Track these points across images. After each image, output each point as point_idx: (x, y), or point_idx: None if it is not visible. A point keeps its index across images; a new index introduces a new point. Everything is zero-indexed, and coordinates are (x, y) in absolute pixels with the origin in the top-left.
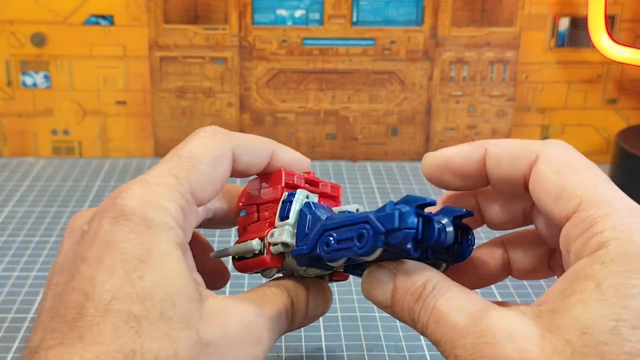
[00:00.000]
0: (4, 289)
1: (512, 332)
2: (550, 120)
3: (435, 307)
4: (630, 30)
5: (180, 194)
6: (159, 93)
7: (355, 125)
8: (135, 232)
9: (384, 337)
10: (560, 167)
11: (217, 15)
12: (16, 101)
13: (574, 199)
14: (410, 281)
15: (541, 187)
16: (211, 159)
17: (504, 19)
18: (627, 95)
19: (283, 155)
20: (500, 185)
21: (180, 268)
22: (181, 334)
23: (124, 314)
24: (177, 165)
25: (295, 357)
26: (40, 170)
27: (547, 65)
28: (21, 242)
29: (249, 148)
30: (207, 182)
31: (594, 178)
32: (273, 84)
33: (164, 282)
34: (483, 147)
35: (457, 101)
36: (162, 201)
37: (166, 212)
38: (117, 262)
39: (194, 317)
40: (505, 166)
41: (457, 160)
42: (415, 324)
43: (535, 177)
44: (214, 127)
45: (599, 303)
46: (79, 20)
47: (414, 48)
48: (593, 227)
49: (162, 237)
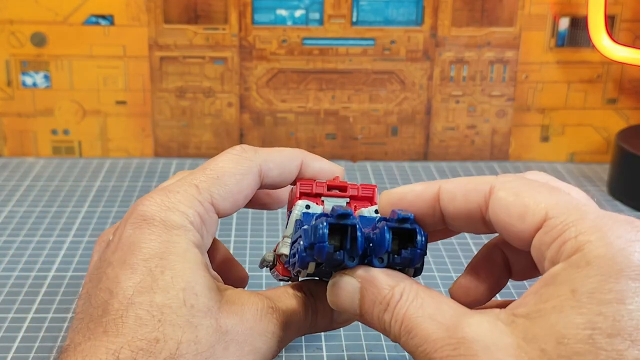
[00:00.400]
0: (4, 289)
1: (488, 343)
2: (550, 120)
3: (406, 317)
4: (630, 30)
5: (199, 202)
6: (159, 93)
7: (355, 125)
8: (155, 234)
9: (384, 337)
10: (517, 190)
11: (217, 15)
12: (16, 101)
13: (539, 212)
14: (377, 289)
15: (503, 211)
16: (235, 173)
17: (504, 19)
18: (627, 95)
19: (313, 165)
20: (457, 221)
21: (198, 262)
22: (203, 321)
23: (146, 304)
24: (200, 177)
25: (295, 357)
26: (40, 170)
27: (547, 65)
28: (21, 242)
29: (277, 163)
30: (229, 194)
31: (554, 192)
32: (273, 84)
33: (184, 274)
34: (437, 185)
35: (457, 101)
36: (180, 207)
37: (184, 216)
38: (139, 261)
39: (215, 305)
40: (459, 201)
41: (409, 197)
42: (387, 333)
43: (495, 204)
44: (243, 145)
45: (574, 310)
46: (79, 20)
47: (414, 48)
48: (566, 233)
49: (181, 237)
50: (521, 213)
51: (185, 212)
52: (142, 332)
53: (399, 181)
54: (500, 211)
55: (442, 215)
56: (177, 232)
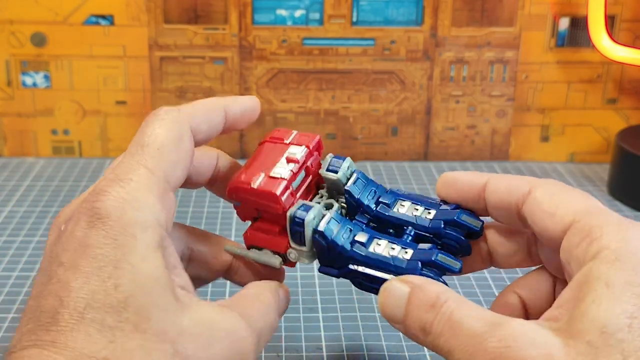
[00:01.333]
0: (4, 289)
1: (534, 337)
2: (550, 120)
3: (451, 316)
4: (630, 30)
5: (155, 185)
6: (159, 93)
7: (355, 125)
8: (110, 237)
9: (384, 337)
10: (552, 191)
11: (217, 15)
12: (16, 101)
13: (568, 214)
14: (424, 293)
15: (536, 208)
16: (174, 139)
17: (504, 19)
18: (627, 95)
19: (234, 109)
20: (496, 211)
21: (157, 275)
22: (157, 346)
23: (97, 324)
24: (144, 156)
25: (295, 357)
26: (40, 170)
27: (547, 65)
28: (21, 242)
29: (204, 117)
30: (176, 164)
31: (584, 197)
32: (273, 84)
33: (138, 293)
34: (486, 177)
35: (457, 101)
36: (139, 197)
37: (144, 208)
38: (93, 269)
39: (171, 330)
40: (501, 193)
41: (460, 183)
42: (426, 335)
43: (531, 201)
44: (164, 107)
45: (612, 302)
46: (79, 20)
47: (414, 48)
48: (592, 233)
49: (139, 240)
50: (552, 211)
51: (143, 204)
52: (91, 349)
53: (399, 181)
54: (534, 207)
55: (485, 204)
56: (133, 233)
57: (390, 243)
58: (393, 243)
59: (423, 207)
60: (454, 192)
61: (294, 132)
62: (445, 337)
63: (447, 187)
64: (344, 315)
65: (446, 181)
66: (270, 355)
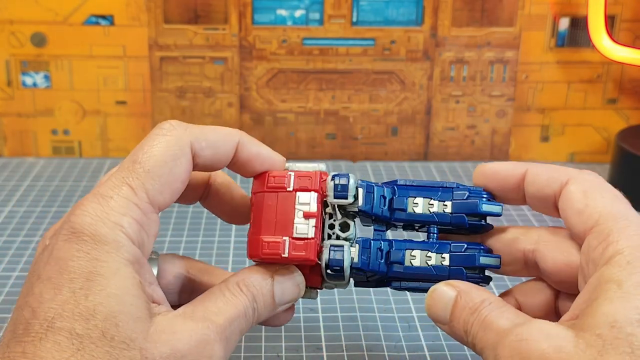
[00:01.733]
0: (4, 289)
1: (549, 332)
2: (550, 120)
3: (486, 317)
4: (630, 30)
5: (135, 206)
6: (159, 93)
7: (355, 125)
8: (83, 251)
9: (384, 337)
10: (587, 189)
11: (217, 15)
12: (16, 101)
13: (594, 215)
14: (470, 297)
15: (568, 203)
16: (167, 160)
17: (504, 19)
18: (627, 95)
19: (250, 148)
20: (534, 200)
21: (127, 286)
22: (124, 353)
23: (66, 332)
24: (132, 173)
25: (295, 357)
26: (40, 170)
27: (547, 65)
28: (21, 242)
29: (210, 141)
30: (165, 185)
31: (615, 199)
32: (273, 84)
33: (108, 301)
34: (525, 166)
35: (457, 101)
36: (114, 216)
37: (117, 227)
38: (64, 281)
39: (138, 336)
40: (539, 184)
41: (501, 174)
42: (467, 336)
43: (565, 195)
44: (172, 121)
45: (623, 299)
46: (79, 20)
47: (414, 48)
48: (609, 237)
49: (111, 255)
50: (580, 210)
51: (118, 222)
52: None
53: None
54: (566, 203)
55: (523, 193)
56: (107, 249)
57: (424, 251)
58: (427, 251)
59: (437, 200)
60: (494, 183)
61: (291, 174)
62: (479, 336)
63: (486, 178)
64: (344, 315)
65: (484, 172)
66: (270, 356)
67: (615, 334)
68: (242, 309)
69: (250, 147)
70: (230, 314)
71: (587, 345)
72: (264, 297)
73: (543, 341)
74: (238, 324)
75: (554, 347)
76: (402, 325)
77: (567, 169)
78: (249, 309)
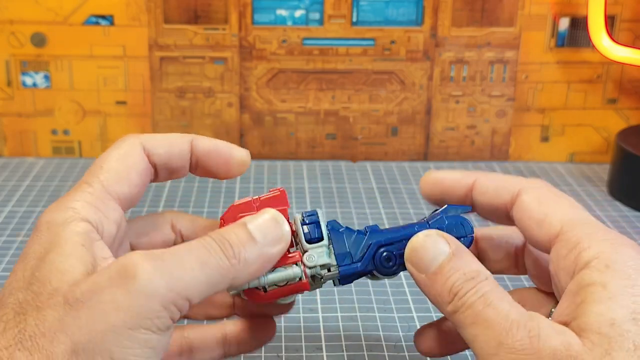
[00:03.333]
0: None
1: (559, 329)
2: (550, 120)
3: (486, 295)
4: (630, 30)
5: (88, 193)
6: (159, 93)
7: (355, 125)
8: (39, 238)
9: (384, 337)
10: (540, 198)
11: (217, 15)
12: (16, 101)
13: (555, 224)
14: (466, 261)
15: (525, 214)
16: (117, 157)
17: (504, 19)
18: (627, 95)
19: (204, 143)
20: (484, 210)
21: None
22: (48, 301)
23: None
24: (87, 173)
25: (295, 357)
26: (40, 170)
27: (547, 65)
28: (21, 242)
29: (161, 141)
30: (118, 174)
31: (572, 206)
32: (273, 84)
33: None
34: (473, 176)
35: (457, 101)
36: (68, 203)
37: (68, 210)
38: (21, 266)
39: (64, 286)
40: (489, 195)
41: (447, 182)
42: (454, 298)
43: (519, 206)
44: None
45: (612, 300)
46: (79, 20)
47: (414, 48)
48: (579, 245)
49: (61, 233)
50: (540, 220)
51: (71, 206)
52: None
53: (399, 181)
54: (522, 214)
55: (472, 203)
56: (57, 230)
57: None
58: None
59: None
60: (439, 192)
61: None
62: (475, 311)
63: (431, 186)
64: (344, 316)
65: (430, 180)
66: (270, 356)
67: (617, 330)
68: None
69: (204, 141)
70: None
71: (593, 344)
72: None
73: (554, 338)
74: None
75: (564, 344)
76: (402, 325)
77: (516, 177)
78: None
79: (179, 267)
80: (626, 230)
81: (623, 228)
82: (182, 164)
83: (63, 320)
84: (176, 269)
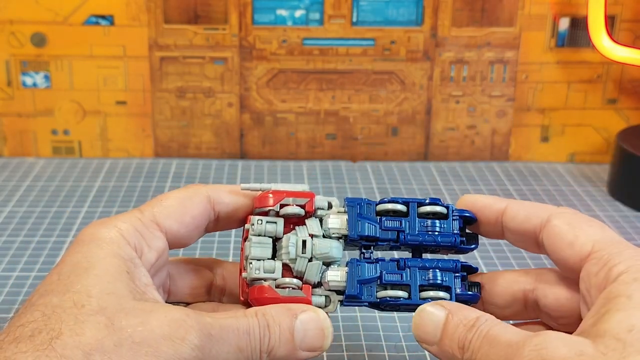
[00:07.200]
0: (4, 289)
1: (566, 339)
2: (550, 120)
3: (489, 332)
4: (630, 30)
5: (136, 218)
6: (159, 93)
7: (355, 125)
8: (79, 249)
9: (384, 337)
10: (571, 221)
11: (217, 15)
12: (16, 101)
13: (587, 244)
14: (463, 314)
15: (556, 237)
16: (179, 196)
17: (504, 19)
18: (627, 95)
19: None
20: (514, 236)
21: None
22: (90, 318)
23: (42, 305)
24: (145, 204)
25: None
26: (40, 170)
27: (547, 65)
28: (21, 242)
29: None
30: (172, 212)
31: (602, 227)
32: (273, 84)
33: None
34: (505, 202)
35: (457, 101)
36: (114, 222)
37: (114, 229)
38: (57, 271)
39: (111, 308)
40: (520, 220)
41: (479, 204)
42: (464, 352)
43: (550, 229)
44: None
45: (635, 309)
46: (79, 20)
47: (414, 48)
48: (610, 261)
49: (102, 248)
50: (571, 241)
51: (116, 225)
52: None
53: (399, 182)
54: (553, 237)
55: (502, 228)
56: (99, 244)
57: None
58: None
59: None
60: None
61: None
62: (483, 350)
63: (466, 208)
64: (344, 316)
65: (465, 203)
66: None
67: (634, 336)
68: (245, 325)
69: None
70: (225, 322)
71: (608, 348)
72: (281, 330)
73: (563, 347)
74: (234, 335)
75: (575, 352)
76: (402, 325)
77: (547, 206)
78: (256, 329)
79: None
80: (626, 230)
81: (623, 228)
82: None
83: (102, 342)
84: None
